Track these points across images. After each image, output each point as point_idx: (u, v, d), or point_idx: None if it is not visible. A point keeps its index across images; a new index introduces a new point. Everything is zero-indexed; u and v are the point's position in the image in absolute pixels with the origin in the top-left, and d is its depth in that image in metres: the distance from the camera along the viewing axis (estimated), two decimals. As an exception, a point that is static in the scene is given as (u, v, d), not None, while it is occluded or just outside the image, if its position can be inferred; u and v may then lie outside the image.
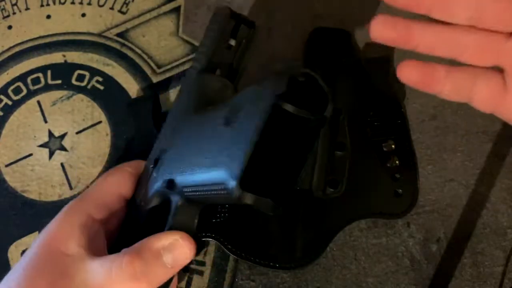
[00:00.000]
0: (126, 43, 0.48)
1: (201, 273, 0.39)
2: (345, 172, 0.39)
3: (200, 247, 0.30)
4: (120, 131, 0.44)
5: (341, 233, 0.38)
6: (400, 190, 0.39)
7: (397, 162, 0.39)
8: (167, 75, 0.46)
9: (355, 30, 0.46)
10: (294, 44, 0.46)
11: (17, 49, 0.49)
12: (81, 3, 0.50)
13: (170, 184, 0.30)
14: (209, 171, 0.27)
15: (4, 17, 0.50)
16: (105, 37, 0.48)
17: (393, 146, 0.40)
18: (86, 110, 0.45)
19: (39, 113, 0.45)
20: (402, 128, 0.41)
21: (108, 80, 0.46)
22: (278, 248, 0.38)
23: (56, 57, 0.48)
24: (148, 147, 0.40)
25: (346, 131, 0.41)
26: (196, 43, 0.47)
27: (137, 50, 0.47)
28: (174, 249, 0.29)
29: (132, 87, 0.46)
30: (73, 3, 0.50)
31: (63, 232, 0.30)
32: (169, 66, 0.46)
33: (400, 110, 0.41)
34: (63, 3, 0.50)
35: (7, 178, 0.44)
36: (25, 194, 0.43)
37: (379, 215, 0.38)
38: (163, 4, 0.49)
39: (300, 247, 0.37)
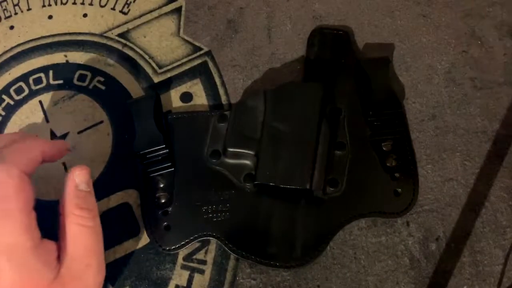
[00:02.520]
0: (128, 43, 0.48)
1: (202, 271, 0.39)
2: (345, 172, 0.39)
3: None
4: (121, 131, 0.44)
5: (341, 232, 0.39)
6: (400, 189, 0.39)
7: (396, 161, 0.40)
8: (168, 75, 0.46)
9: (355, 30, 0.46)
10: (294, 44, 0.46)
11: (19, 49, 0.49)
12: (82, 3, 0.50)
13: None
14: None
15: (6, 17, 0.51)
16: (106, 37, 0.48)
17: (392, 145, 0.40)
18: (87, 110, 0.45)
19: (41, 113, 0.46)
20: (401, 128, 0.41)
21: (110, 80, 0.46)
22: (278, 247, 0.38)
23: (58, 57, 0.48)
24: (149, 147, 0.41)
25: (346, 131, 0.41)
26: (197, 44, 0.47)
27: (138, 50, 0.47)
28: None
29: (133, 87, 0.46)
30: (74, 3, 0.50)
31: None
32: (170, 66, 0.47)
33: (400, 110, 0.41)
34: (65, 4, 0.51)
35: (9, 177, 0.44)
36: (27, 194, 0.43)
37: (378, 214, 0.38)
38: (164, 4, 0.49)
39: (300, 246, 0.38)
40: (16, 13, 0.51)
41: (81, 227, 0.33)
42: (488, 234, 0.38)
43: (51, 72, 0.47)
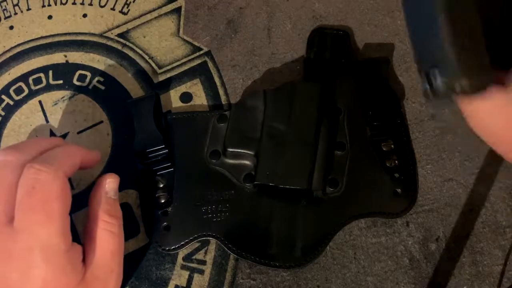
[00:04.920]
0: (127, 43, 0.48)
1: (201, 271, 0.39)
2: (344, 172, 0.39)
3: None
4: (121, 131, 0.44)
5: (341, 232, 0.39)
6: (399, 190, 0.39)
7: (396, 161, 0.39)
8: (168, 75, 0.46)
9: (355, 30, 0.46)
10: (294, 44, 0.46)
11: (18, 49, 0.49)
12: (82, 3, 0.50)
13: None
14: None
15: (5, 18, 0.51)
16: (106, 37, 0.48)
17: (392, 145, 0.40)
18: (87, 110, 0.45)
19: (41, 113, 0.46)
20: (401, 128, 0.41)
21: (109, 80, 0.46)
22: (278, 247, 0.38)
23: (58, 57, 0.48)
24: (149, 147, 0.41)
25: (346, 131, 0.41)
26: (197, 44, 0.47)
27: (138, 50, 0.47)
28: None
29: (133, 87, 0.46)
30: (74, 3, 0.50)
31: None
32: (169, 67, 0.47)
33: (399, 110, 0.41)
34: (65, 4, 0.51)
35: (9, 177, 0.44)
36: (26, 194, 0.43)
37: (378, 214, 0.38)
38: (164, 4, 0.49)
39: (300, 246, 0.38)
40: (15, 13, 0.51)
41: (109, 233, 0.34)
42: (488, 234, 0.38)
43: (50, 72, 0.47)
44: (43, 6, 0.51)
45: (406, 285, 0.37)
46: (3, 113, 0.46)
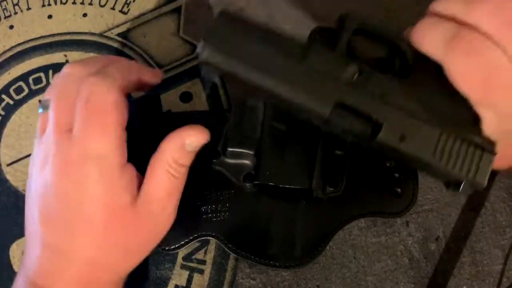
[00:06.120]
0: (127, 43, 0.48)
1: (201, 271, 0.39)
2: (345, 172, 0.39)
3: None
4: (121, 131, 0.44)
5: (341, 232, 0.39)
6: (399, 189, 0.39)
7: (396, 161, 0.39)
8: (168, 75, 0.46)
9: (354, 30, 0.46)
10: (294, 44, 0.46)
11: (18, 48, 0.49)
12: (82, 3, 0.50)
13: None
14: None
15: (5, 17, 0.51)
16: (106, 37, 0.48)
17: (392, 145, 0.40)
18: (87, 109, 0.45)
19: (41, 113, 0.46)
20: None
21: (109, 80, 0.46)
22: (278, 247, 0.38)
23: (58, 57, 0.48)
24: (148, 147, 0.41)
25: (346, 130, 0.41)
26: (197, 43, 0.47)
27: (138, 50, 0.47)
28: None
29: (133, 87, 0.46)
30: (74, 3, 0.50)
31: None
32: (169, 66, 0.47)
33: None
34: (65, 3, 0.51)
35: (8, 177, 0.44)
36: (26, 193, 0.43)
37: (378, 214, 0.38)
38: (164, 4, 0.49)
39: (299, 246, 0.38)
40: (16, 13, 0.51)
41: (169, 175, 0.34)
42: (488, 234, 0.38)
43: (50, 72, 0.47)
44: (43, 5, 0.51)
45: (406, 285, 0.37)
46: (3, 113, 0.46)
